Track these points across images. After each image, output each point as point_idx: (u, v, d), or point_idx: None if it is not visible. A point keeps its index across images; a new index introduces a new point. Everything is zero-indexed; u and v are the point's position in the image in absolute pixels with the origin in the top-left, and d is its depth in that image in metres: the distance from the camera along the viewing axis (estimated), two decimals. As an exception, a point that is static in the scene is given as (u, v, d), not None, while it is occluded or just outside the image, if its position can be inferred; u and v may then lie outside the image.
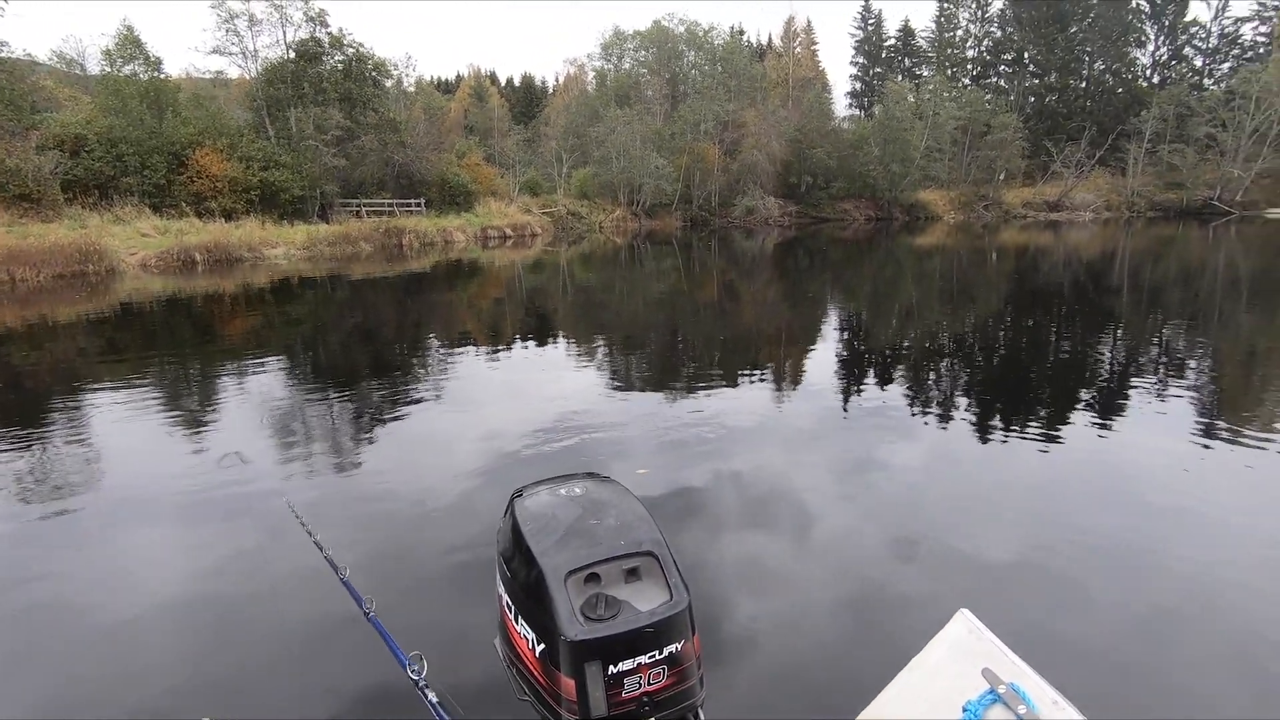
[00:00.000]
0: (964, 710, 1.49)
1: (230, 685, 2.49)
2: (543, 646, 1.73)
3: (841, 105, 52.01)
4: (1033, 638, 2.58)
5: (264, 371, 7.45)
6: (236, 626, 2.85)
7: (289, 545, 3.45)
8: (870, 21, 53.25)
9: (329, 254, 21.61)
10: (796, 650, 2.64)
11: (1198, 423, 5.26)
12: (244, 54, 27.05)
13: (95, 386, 6.85)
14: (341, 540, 3.52)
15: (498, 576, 2.03)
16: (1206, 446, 4.74)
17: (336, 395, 6.49)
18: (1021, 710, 1.41)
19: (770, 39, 56.65)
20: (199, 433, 5.41)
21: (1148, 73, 48.49)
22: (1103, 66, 47.41)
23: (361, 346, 9.25)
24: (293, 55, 27.23)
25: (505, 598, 1.96)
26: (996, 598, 2.96)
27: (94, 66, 29.50)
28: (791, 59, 49.19)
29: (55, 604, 3.03)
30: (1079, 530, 3.57)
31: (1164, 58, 48.32)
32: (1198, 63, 48.05)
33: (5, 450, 4.99)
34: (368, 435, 5.33)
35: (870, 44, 53.72)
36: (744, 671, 2.50)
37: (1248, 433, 4.99)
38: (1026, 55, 48.29)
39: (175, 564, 3.39)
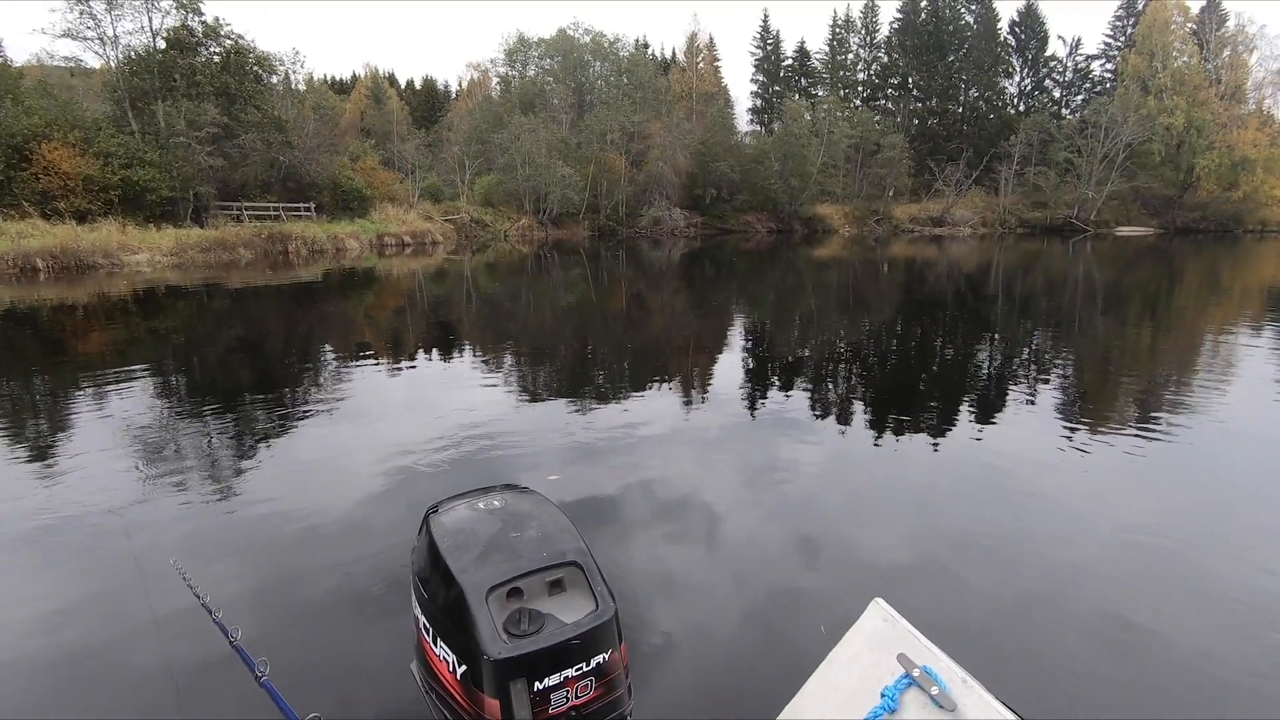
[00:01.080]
0: (882, 695, 1.55)
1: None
2: (464, 668, 1.66)
3: (743, 120, 53.82)
4: (931, 623, 2.73)
5: (128, 390, 6.74)
6: (91, 680, 2.54)
7: (154, 587, 3.14)
8: (769, 41, 55.47)
9: (202, 261, 20.01)
10: (722, 651, 2.67)
11: (1061, 420, 5.80)
12: (101, 39, 24.62)
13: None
14: (228, 574, 3.24)
15: (413, 598, 1.93)
16: (1069, 440, 5.23)
17: (215, 414, 5.99)
18: (934, 691, 1.49)
19: (674, 54, 57.83)
20: (47, 459, 4.85)
21: (1015, 101, 53.46)
22: (976, 94, 51.85)
23: (243, 361, 8.59)
24: (161, 44, 25.10)
25: (422, 619, 1.87)
26: (898, 588, 3.12)
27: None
28: (695, 74, 50.39)
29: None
30: (966, 522, 3.84)
31: (1028, 88, 53.46)
32: (1056, 94, 53.52)
33: None
34: (254, 455, 4.94)
35: (769, 63, 55.94)
36: (671, 676, 2.50)
37: (1103, 428, 5.55)
38: (911, 80, 51.97)
39: (17, 608, 3.01)
